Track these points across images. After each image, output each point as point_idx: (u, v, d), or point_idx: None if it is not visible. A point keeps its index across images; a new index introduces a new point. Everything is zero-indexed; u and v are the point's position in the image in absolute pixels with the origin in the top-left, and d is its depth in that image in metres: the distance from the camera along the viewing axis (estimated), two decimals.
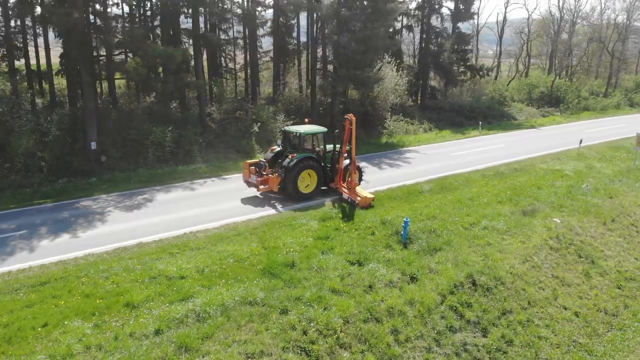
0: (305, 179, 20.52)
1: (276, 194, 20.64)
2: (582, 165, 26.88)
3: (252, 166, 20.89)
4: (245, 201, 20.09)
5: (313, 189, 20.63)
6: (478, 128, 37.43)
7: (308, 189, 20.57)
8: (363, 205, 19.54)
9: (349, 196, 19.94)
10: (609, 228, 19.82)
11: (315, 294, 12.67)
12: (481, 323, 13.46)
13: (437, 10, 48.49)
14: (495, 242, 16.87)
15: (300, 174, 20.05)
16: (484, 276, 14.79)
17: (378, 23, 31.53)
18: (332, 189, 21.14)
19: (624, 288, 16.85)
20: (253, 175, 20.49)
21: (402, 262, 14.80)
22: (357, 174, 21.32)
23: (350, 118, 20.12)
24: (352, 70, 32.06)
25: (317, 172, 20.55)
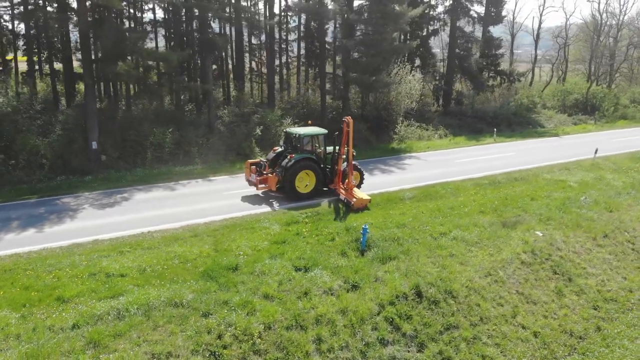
0: (304, 179, 20.76)
1: (276, 194, 21.09)
2: (591, 176, 25.28)
3: (253, 165, 21.47)
4: (223, 202, 20.24)
5: (311, 189, 20.88)
6: (494, 135, 36.01)
7: (306, 189, 20.82)
8: (358, 207, 19.64)
9: (345, 197, 20.09)
10: (599, 244, 18.50)
11: (244, 298, 12.56)
12: (419, 337, 12.88)
13: (467, 12, 47.22)
14: (460, 253, 16.13)
15: (298, 174, 20.40)
16: (433, 288, 14.16)
17: (387, 27, 31.01)
18: (333, 190, 21.26)
19: (601, 309, 15.66)
20: (253, 175, 21.02)
21: (349, 270, 14.42)
22: (357, 176, 21.83)
23: (347, 120, 20.24)
24: (360, 74, 31.72)
25: (316, 173, 20.82)
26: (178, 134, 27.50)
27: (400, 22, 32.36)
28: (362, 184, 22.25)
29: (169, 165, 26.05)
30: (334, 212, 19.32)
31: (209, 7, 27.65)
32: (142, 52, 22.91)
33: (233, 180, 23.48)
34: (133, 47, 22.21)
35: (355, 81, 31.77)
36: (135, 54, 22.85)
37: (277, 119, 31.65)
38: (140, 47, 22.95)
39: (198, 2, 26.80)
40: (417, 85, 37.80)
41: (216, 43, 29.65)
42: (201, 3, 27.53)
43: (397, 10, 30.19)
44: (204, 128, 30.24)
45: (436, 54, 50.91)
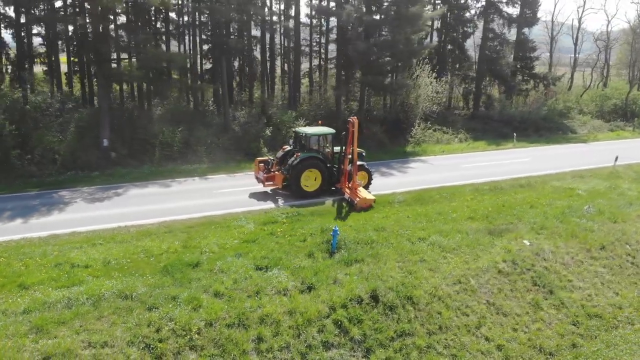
0: (310, 178, 21.19)
1: (283, 191, 21.65)
2: (605, 185, 23.87)
3: (261, 163, 22.18)
4: (210, 200, 20.58)
5: (317, 187, 21.28)
6: (513, 140, 34.68)
7: (312, 188, 21.24)
8: (362, 206, 19.82)
9: (350, 196, 20.34)
10: (593, 256, 17.42)
11: (192, 294, 12.67)
12: (367, 342, 12.55)
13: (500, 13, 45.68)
14: (432, 259, 15.62)
15: (303, 172, 20.91)
16: (392, 293, 13.79)
17: (402, 29, 30.50)
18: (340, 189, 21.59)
19: (581, 325, 14.71)
20: (261, 172, 21.67)
21: (310, 271, 14.27)
22: (365, 177, 22.19)
23: (352, 121, 20.45)
24: (373, 76, 31.38)
25: (322, 172, 21.23)
26: (187, 133, 28.17)
27: (417, 24, 31.76)
28: (370, 184, 22.48)
29: (177, 164, 26.73)
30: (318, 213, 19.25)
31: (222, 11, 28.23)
32: (149, 53, 23.58)
33: (229, 179, 23.84)
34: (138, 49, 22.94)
35: (368, 83, 31.42)
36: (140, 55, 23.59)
37: (291, 119, 31.84)
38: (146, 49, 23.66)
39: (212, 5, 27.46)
40: (439, 88, 37.06)
41: (232, 46, 30.20)
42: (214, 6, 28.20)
43: (411, 11, 29.57)
44: (217, 127, 30.93)
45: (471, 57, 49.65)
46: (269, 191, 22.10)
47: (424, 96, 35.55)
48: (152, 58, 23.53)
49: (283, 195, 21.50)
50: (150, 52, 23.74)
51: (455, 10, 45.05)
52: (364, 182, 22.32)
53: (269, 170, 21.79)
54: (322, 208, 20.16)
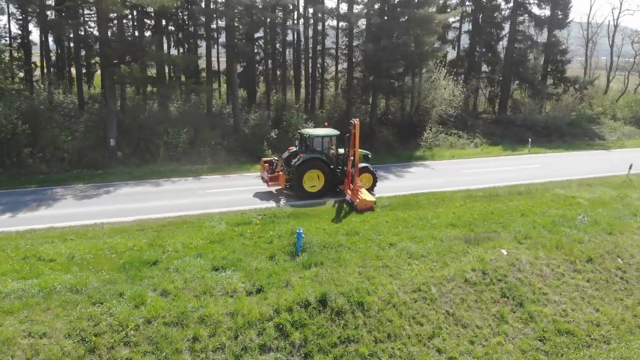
0: (313, 179, 21.52)
1: (288, 191, 22.05)
2: (612, 194, 22.50)
3: (266, 164, 22.69)
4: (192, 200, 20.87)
5: (320, 188, 21.55)
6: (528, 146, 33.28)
7: (315, 189, 21.55)
8: (362, 208, 19.91)
9: (351, 198, 20.53)
10: (577, 269, 16.46)
11: (138, 292, 12.88)
12: (307, 347, 12.38)
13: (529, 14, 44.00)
14: (396, 265, 15.23)
15: (306, 173, 21.25)
16: (342, 298, 13.53)
17: (410, 31, 29.96)
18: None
19: (548, 341, 13.93)
20: (265, 172, 22.21)
21: (264, 273, 14.23)
22: (370, 179, 22.38)
23: (354, 123, 20.64)
24: (381, 79, 30.98)
25: (325, 173, 21.48)
26: (194, 134, 28.74)
27: (429, 26, 31.07)
28: (374, 186, 22.64)
29: (181, 164, 27.27)
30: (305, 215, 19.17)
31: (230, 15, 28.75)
32: (151, 55, 24.29)
33: (222, 180, 24.15)
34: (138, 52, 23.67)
35: (377, 86, 31.03)
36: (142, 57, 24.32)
37: (301, 122, 31.91)
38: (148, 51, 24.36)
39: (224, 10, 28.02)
40: (456, 91, 36.16)
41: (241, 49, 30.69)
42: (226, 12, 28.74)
43: (420, 13, 28.96)
44: (227, 129, 31.46)
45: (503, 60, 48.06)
46: (274, 191, 22.52)
47: (440, 99, 34.73)
48: (154, 61, 24.16)
49: (286, 195, 21.89)
50: (152, 55, 24.40)
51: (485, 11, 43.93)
52: (369, 184, 22.42)
53: (274, 171, 22.29)
54: (315, 209, 20.04)
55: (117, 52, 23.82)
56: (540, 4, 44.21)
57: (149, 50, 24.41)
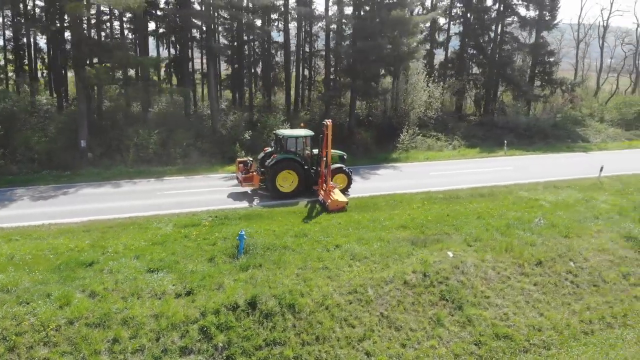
0: (287, 179, 21.71)
1: (263, 192, 22.27)
2: (578, 196, 22.22)
3: (241, 164, 22.93)
4: (146, 201, 20.86)
5: (294, 189, 21.74)
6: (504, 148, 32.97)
7: (289, 189, 21.74)
8: (333, 208, 20.02)
9: (323, 198, 20.67)
10: (525, 272, 16.21)
11: (66, 292, 12.84)
12: (230, 350, 12.24)
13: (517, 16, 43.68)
14: (336, 267, 15.09)
15: (279, 173, 21.46)
16: (273, 301, 13.40)
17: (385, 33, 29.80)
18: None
19: (484, 346, 13.65)
20: (240, 173, 22.44)
21: (198, 276, 14.14)
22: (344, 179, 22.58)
23: (327, 124, 20.77)
24: (359, 81, 30.86)
25: (299, 173, 21.65)
26: (166, 135, 28.77)
27: (405, 28, 30.87)
28: (349, 187, 22.80)
29: (151, 165, 27.32)
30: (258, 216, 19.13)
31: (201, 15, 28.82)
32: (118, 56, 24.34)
33: (183, 181, 24.19)
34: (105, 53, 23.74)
35: (351, 87, 30.91)
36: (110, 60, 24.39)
37: (278, 123, 31.90)
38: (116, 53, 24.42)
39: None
40: (436, 93, 35.98)
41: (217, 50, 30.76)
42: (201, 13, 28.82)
43: (393, 15, 28.77)
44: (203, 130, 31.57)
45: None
46: (249, 191, 22.71)
47: (418, 102, 34.55)
48: (121, 62, 24.23)
49: (261, 196, 22.12)
50: (118, 56, 24.45)
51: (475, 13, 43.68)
52: (343, 184, 22.52)
53: (248, 171, 22.49)
54: (271, 211, 20.07)
55: (84, 54, 23.87)
56: (528, 5, 44.02)
57: (117, 52, 24.45)
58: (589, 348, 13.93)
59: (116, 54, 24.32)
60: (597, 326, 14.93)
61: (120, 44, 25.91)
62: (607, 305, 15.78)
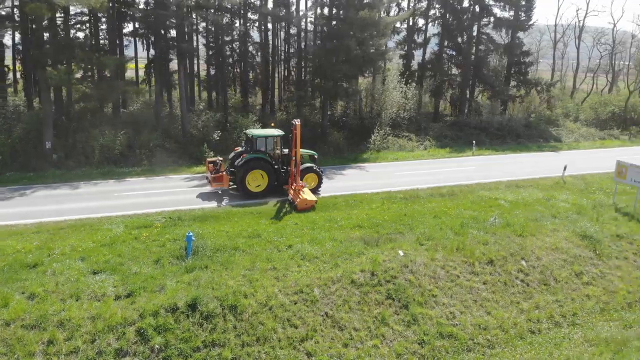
0: (257, 179, 21.77)
1: (234, 192, 22.29)
2: (539, 195, 22.37)
3: (210, 164, 22.86)
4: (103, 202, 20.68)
5: (264, 188, 21.79)
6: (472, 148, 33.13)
7: (259, 188, 21.79)
8: (302, 207, 20.10)
9: (292, 197, 20.75)
10: (474, 271, 16.26)
11: (3, 294, 12.69)
12: (167, 352, 12.12)
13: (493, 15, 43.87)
14: (284, 267, 15.04)
15: (249, 173, 21.50)
16: (215, 302, 13.29)
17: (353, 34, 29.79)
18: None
19: (427, 345, 13.67)
20: (209, 172, 22.43)
21: (140, 277, 14.03)
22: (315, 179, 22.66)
23: (295, 124, 20.94)
24: (328, 82, 30.85)
25: (269, 173, 21.69)
26: (132, 136, 28.56)
27: (375, 30, 30.88)
28: (320, 186, 22.90)
29: (118, 166, 27.09)
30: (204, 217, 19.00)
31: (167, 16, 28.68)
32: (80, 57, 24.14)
33: (144, 182, 24.09)
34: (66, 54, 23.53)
35: (320, 88, 30.91)
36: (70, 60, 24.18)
37: (250, 123, 31.84)
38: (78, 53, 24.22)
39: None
40: (408, 94, 36.09)
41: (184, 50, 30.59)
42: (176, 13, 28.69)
43: (361, 15, 28.77)
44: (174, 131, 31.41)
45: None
46: (219, 191, 22.74)
47: (390, 103, 34.64)
48: (82, 62, 24.02)
49: (231, 196, 22.15)
50: (80, 56, 24.25)
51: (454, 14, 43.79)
52: (314, 184, 22.61)
53: (218, 171, 22.44)
54: (227, 212, 19.94)
55: (45, 54, 23.65)
56: (505, 6, 44.26)
57: (78, 52, 24.25)
58: (533, 347, 14.01)
59: (79, 54, 24.09)
60: (545, 325, 15.02)
61: (82, 44, 25.61)
62: (557, 304, 15.89)
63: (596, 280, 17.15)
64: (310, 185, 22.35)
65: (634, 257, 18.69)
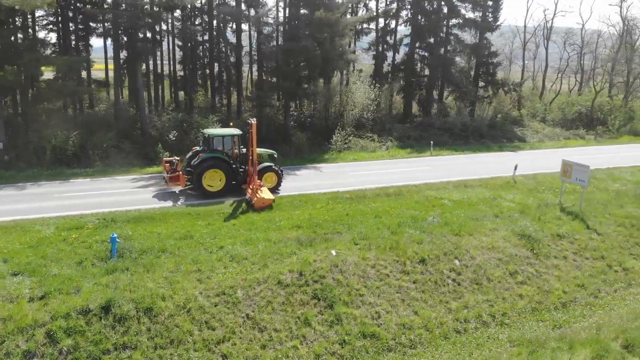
0: (215, 178, 21.68)
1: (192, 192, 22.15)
2: (487, 194, 22.45)
3: (167, 163, 22.72)
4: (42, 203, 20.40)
5: (221, 188, 21.71)
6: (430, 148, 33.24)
7: (216, 188, 21.69)
8: (259, 206, 20.12)
9: (250, 196, 20.74)
10: (405, 270, 16.21)
11: None
12: (76, 354, 11.94)
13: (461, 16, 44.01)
14: (210, 269, 14.90)
15: (205, 172, 21.41)
16: (131, 304, 13.12)
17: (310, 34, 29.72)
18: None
19: (348, 345, 13.52)
20: (166, 172, 22.29)
21: (58, 279, 13.82)
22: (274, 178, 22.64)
23: (251, 122, 20.88)
24: (288, 82, 30.76)
25: (226, 172, 21.59)
26: (87, 137, 28.28)
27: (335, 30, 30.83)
28: (279, 185, 22.94)
29: (70, 167, 26.80)
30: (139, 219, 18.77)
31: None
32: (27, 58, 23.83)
33: (87, 184, 23.91)
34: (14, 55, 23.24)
35: (280, 88, 30.81)
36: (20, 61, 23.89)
37: (210, 123, 31.68)
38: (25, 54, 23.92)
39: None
40: (372, 94, 36.11)
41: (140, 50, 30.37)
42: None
43: (317, 16, 28.67)
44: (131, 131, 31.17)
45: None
46: (176, 191, 22.63)
47: (352, 104, 34.65)
48: (29, 64, 23.74)
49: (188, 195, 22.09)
50: (27, 58, 23.95)
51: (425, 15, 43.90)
52: (273, 183, 22.58)
53: (175, 171, 22.28)
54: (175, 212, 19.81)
55: None
56: (474, 8, 44.49)
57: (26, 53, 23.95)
58: (455, 347, 13.94)
59: (26, 56, 23.79)
60: (473, 325, 14.94)
61: (30, 45, 25.32)
62: (488, 303, 15.85)
63: (531, 280, 17.15)
64: (269, 184, 22.32)
65: (573, 257, 18.76)
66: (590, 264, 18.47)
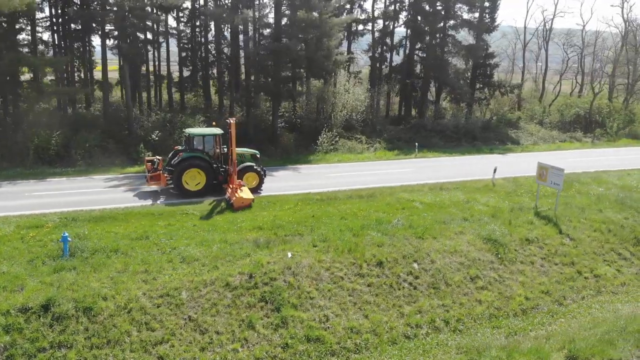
0: (195, 178, 21.80)
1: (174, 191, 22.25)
2: (462, 197, 22.08)
3: (149, 162, 22.85)
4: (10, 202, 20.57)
5: (202, 187, 21.84)
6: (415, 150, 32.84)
7: (197, 187, 21.83)
8: (239, 205, 20.14)
9: (229, 196, 20.83)
10: (361, 272, 15.97)
11: None
12: (11, 350, 11.94)
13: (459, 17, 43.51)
14: (157, 270, 14.83)
15: (185, 172, 21.56)
16: (70, 303, 13.11)
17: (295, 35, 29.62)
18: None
19: (290, 349, 13.34)
20: (147, 171, 22.45)
21: (4, 277, 13.91)
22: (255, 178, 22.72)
23: (230, 122, 21.02)
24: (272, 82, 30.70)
25: (206, 172, 21.73)
26: (70, 136, 28.52)
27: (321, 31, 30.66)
28: (261, 185, 23.01)
29: (53, 167, 27.06)
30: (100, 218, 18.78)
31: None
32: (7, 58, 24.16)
33: (62, 183, 24.14)
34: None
35: (263, 89, 30.76)
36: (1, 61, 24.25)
37: (196, 123, 31.79)
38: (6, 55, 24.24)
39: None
40: (361, 96, 35.89)
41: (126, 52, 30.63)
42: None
43: (300, 17, 28.52)
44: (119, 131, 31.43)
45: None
46: (158, 190, 22.85)
47: (340, 105, 34.46)
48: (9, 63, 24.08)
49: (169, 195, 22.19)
50: (11, 57, 24.27)
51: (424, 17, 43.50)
52: (255, 183, 22.63)
53: (156, 170, 22.45)
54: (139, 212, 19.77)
55: None
56: (471, 8, 43.92)
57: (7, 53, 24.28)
58: (401, 353, 13.65)
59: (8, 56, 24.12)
60: (424, 330, 14.64)
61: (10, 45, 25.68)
62: (443, 308, 15.52)
63: (492, 285, 16.78)
64: (251, 184, 22.33)
65: (541, 262, 18.33)
66: (558, 270, 18.03)
